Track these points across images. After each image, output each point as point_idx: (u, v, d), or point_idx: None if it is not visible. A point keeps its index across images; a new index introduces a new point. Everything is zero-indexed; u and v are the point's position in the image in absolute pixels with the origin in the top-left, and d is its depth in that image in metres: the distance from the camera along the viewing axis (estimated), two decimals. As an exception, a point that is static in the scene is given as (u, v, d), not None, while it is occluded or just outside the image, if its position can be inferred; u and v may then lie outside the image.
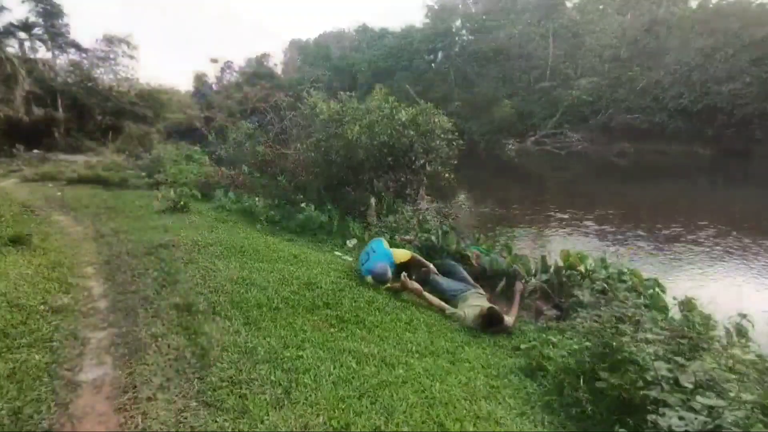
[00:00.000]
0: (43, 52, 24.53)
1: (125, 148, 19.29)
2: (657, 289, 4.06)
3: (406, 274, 3.79)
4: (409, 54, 37.84)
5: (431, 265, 4.14)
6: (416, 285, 3.72)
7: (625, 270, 3.16)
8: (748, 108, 23.46)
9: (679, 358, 2.11)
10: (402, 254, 4.12)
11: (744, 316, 2.30)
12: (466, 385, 2.30)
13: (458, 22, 38.17)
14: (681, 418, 1.60)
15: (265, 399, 1.81)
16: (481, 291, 4.04)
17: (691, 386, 1.88)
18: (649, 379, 1.93)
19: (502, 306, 4.26)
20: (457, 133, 7.17)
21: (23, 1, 22.95)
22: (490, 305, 3.45)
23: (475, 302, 3.76)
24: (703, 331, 2.46)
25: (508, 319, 3.45)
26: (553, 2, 35.44)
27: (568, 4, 38.37)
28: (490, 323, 3.34)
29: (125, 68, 27.81)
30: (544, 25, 35.72)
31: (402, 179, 7.06)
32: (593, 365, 2.13)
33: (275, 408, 1.76)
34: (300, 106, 8.79)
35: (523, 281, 4.03)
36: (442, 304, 3.69)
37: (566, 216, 11.29)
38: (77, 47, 25.47)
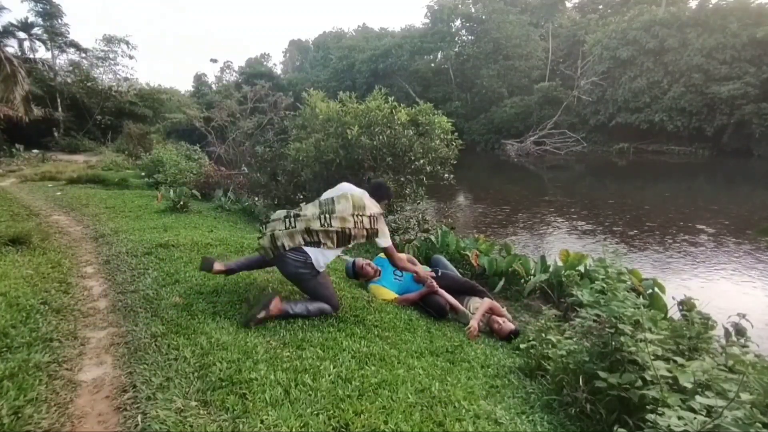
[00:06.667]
0: (42, 52, 24.59)
1: (125, 148, 19.29)
2: (656, 289, 4.08)
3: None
4: (409, 54, 37.81)
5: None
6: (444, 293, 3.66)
7: (625, 270, 3.15)
8: (748, 108, 23.44)
9: (678, 358, 2.11)
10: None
11: (743, 315, 2.30)
12: (466, 385, 2.31)
13: (458, 22, 38.16)
14: (680, 417, 1.60)
15: (265, 399, 1.81)
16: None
17: (690, 386, 1.88)
18: (648, 378, 1.93)
19: (502, 303, 4.28)
20: (456, 133, 7.17)
21: (23, 1, 23.01)
22: (515, 327, 3.45)
23: (476, 304, 3.77)
24: (702, 330, 2.47)
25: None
26: (553, 2, 35.44)
27: (568, 5, 38.42)
28: (508, 338, 3.37)
29: (125, 68, 27.92)
30: (544, 26, 35.75)
31: (402, 179, 7.05)
32: (592, 365, 2.13)
33: (275, 408, 1.76)
34: (299, 105, 8.78)
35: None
36: (461, 307, 3.69)
37: (565, 216, 11.30)
38: (77, 47, 25.53)
